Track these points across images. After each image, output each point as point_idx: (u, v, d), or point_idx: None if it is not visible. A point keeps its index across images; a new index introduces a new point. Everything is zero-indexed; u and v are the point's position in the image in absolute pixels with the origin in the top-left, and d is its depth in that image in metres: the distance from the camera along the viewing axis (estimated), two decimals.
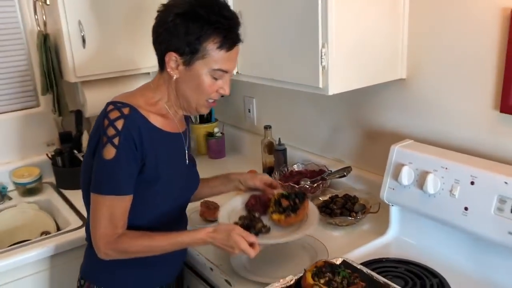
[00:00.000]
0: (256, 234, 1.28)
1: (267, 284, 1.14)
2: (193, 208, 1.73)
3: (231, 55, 1.22)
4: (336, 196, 1.70)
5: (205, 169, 2.27)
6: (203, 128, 2.39)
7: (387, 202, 1.44)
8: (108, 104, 1.21)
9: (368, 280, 1.14)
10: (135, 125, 1.19)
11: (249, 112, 2.32)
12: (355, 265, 1.20)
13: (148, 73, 2.14)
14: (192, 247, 1.27)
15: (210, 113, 2.42)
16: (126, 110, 1.19)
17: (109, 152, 1.17)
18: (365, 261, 1.32)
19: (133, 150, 1.18)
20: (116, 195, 1.20)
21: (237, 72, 1.67)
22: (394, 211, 1.46)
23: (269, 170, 2.01)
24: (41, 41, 1.99)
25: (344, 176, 1.75)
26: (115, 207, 1.20)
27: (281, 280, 1.15)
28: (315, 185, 1.76)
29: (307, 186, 1.75)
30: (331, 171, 1.81)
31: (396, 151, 1.41)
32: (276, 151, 1.97)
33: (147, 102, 1.26)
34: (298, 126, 2.04)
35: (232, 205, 1.45)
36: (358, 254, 1.37)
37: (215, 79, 1.23)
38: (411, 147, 1.40)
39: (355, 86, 1.43)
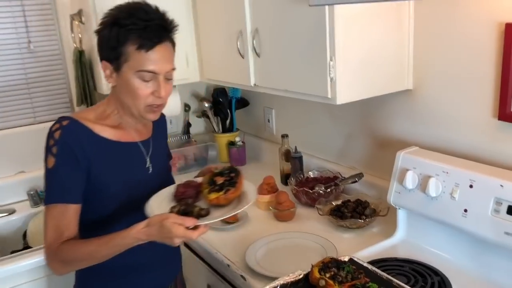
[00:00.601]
0: (196, 218, 1.20)
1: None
2: None
3: (154, 55, 1.22)
4: (348, 200, 1.79)
5: None
6: (225, 137, 2.52)
7: (393, 205, 1.52)
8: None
9: (372, 277, 1.21)
10: (73, 135, 1.23)
11: (269, 122, 2.43)
12: (360, 262, 1.28)
13: (174, 86, 2.28)
14: (131, 246, 1.18)
15: (232, 123, 2.55)
16: (65, 122, 1.24)
17: (50, 162, 1.22)
18: (371, 260, 1.40)
19: (73, 159, 1.22)
20: (58, 203, 1.22)
21: (255, 84, 1.80)
22: (401, 214, 1.54)
23: (286, 177, 2.11)
24: (77, 56, 2.16)
25: (355, 181, 1.83)
26: (59, 217, 1.22)
27: (291, 274, 1.24)
28: (329, 190, 1.85)
29: (321, 192, 1.85)
30: (344, 177, 1.90)
31: (402, 157, 1.49)
32: (293, 158, 2.07)
33: (99, 116, 1.31)
34: (314, 135, 2.14)
35: (159, 198, 1.31)
36: (366, 254, 1.45)
37: (146, 81, 1.24)
38: (416, 153, 1.48)
39: (362, 97, 1.53)
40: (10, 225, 2.10)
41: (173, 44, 1.31)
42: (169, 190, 1.35)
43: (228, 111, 2.54)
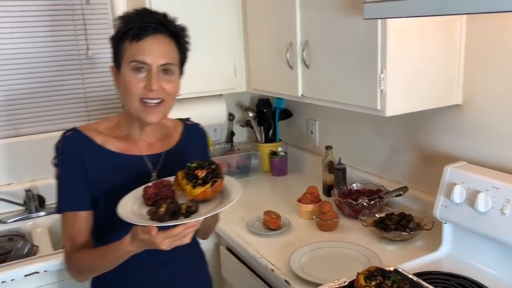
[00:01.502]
0: (187, 215, 1.14)
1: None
2: (257, 216, 1.89)
3: (145, 45, 1.21)
4: (392, 213, 1.79)
5: (268, 186, 2.45)
6: (268, 147, 2.56)
7: (439, 219, 1.52)
8: None
9: None
10: (72, 144, 1.27)
11: (312, 133, 2.46)
12: (405, 273, 1.28)
13: (221, 95, 2.35)
14: (127, 258, 1.17)
15: (274, 134, 2.60)
16: (68, 133, 1.30)
17: (56, 172, 1.28)
18: (415, 272, 1.39)
19: (74, 167, 1.26)
20: (67, 212, 1.27)
21: (302, 95, 1.84)
22: (446, 229, 1.53)
23: (328, 188, 2.12)
24: None
25: (400, 195, 1.84)
26: (71, 224, 1.27)
27: (336, 281, 1.26)
28: (373, 202, 1.86)
29: (365, 204, 1.86)
30: (387, 190, 1.90)
31: (450, 171, 1.49)
32: (336, 170, 2.09)
33: (111, 126, 1.34)
34: (358, 148, 2.16)
35: (129, 205, 1.21)
36: (410, 267, 1.44)
37: (138, 73, 1.22)
38: (464, 168, 1.48)
39: (411, 110, 1.54)
40: None
41: (178, 44, 1.29)
42: (131, 196, 1.25)
43: (272, 121, 2.58)
